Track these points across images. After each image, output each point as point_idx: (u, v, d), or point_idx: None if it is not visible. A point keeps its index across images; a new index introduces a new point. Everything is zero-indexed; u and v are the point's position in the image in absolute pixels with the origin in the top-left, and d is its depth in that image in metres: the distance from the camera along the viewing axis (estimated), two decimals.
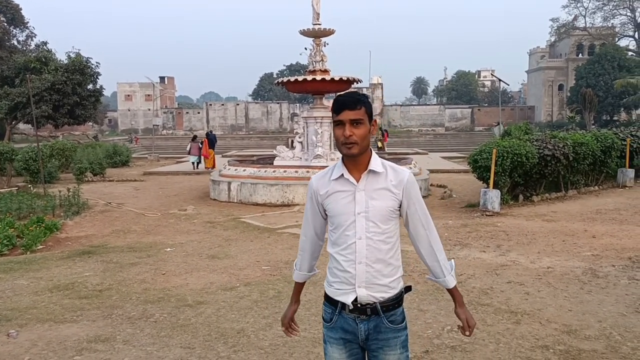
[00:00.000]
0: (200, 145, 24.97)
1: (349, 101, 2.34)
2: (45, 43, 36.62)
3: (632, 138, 15.07)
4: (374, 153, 2.43)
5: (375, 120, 2.43)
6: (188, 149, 25.61)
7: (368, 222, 2.35)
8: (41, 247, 8.88)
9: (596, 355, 4.14)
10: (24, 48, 39.71)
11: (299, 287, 2.70)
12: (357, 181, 2.37)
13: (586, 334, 4.53)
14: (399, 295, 2.41)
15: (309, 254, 2.62)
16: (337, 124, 2.36)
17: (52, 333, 4.82)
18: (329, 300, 2.44)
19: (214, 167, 23.65)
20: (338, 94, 2.35)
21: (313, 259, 2.64)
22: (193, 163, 24.83)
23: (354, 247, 2.37)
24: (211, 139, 26.29)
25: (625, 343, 4.34)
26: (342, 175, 2.39)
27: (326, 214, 2.48)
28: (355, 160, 2.37)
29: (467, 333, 2.50)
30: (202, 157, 25.00)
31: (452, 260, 2.57)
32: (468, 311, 2.52)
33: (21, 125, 36.90)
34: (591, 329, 4.65)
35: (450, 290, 2.53)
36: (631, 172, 14.72)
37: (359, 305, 2.38)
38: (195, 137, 27.10)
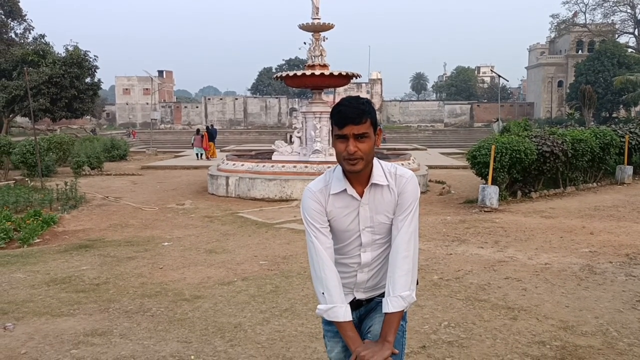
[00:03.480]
0: (202, 138, 26.94)
1: (353, 114, 2.06)
2: (43, 36, 36.49)
3: (630, 135, 15.07)
4: (376, 162, 2.21)
5: (380, 130, 2.21)
6: (192, 141, 28.15)
7: (374, 235, 2.24)
8: (38, 240, 8.86)
9: (592, 351, 4.14)
10: (22, 41, 39.49)
11: (350, 325, 2.19)
12: (360, 195, 2.19)
13: (583, 330, 4.53)
14: None
15: (336, 279, 2.21)
16: (339, 137, 2.11)
17: (49, 326, 4.81)
18: None
19: (214, 156, 26.61)
20: (337, 102, 2.16)
21: (339, 281, 2.24)
22: (197, 154, 26.81)
23: (358, 258, 2.29)
24: (211, 133, 28.57)
25: (622, 339, 4.35)
26: (345, 190, 2.18)
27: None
28: (358, 174, 2.17)
29: None
30: (204, 149, 27.07)
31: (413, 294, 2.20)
32: (383, 349, 2.07)
33: (19, 119, 36.79)
34: (588, 325, 4.65)
35: (388, 315, 2.15)
36: (629, 169, 14.73)
37: (355, 301, 2.37)
38: (198, 130, 29.33)
